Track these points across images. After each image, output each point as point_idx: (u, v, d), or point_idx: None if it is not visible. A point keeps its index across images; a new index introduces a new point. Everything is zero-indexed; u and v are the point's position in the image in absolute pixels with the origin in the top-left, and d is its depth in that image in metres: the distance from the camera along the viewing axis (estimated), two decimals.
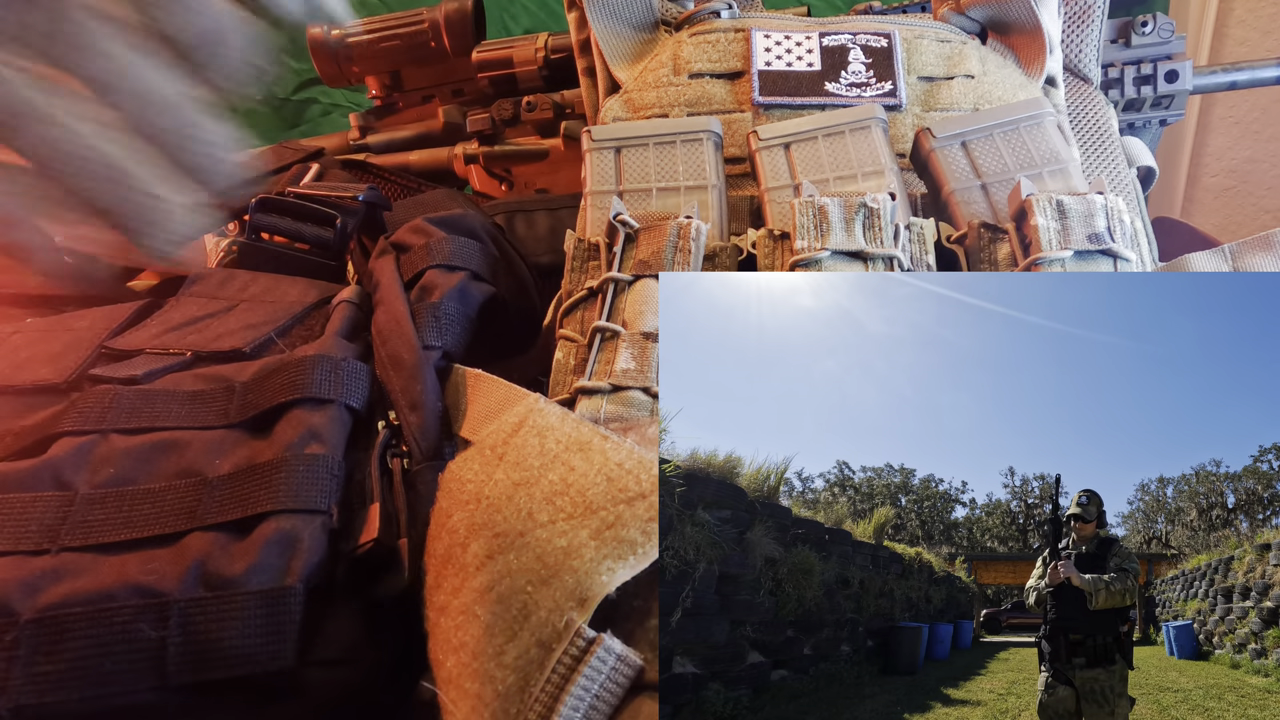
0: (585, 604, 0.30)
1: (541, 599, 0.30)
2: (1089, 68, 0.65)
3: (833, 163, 0.49)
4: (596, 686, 0.29)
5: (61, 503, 0.35)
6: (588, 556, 0.31)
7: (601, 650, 0.29)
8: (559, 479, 0.34)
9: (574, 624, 0.29)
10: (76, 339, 0.43)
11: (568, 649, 0.29)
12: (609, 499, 0.32)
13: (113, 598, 0.32)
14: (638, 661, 0.30)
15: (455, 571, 0.33)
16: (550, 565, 0.31)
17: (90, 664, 0.31)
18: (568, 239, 0.49)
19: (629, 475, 0.33)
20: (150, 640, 0.31)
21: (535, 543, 0.32)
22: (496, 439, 0.37)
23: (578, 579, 0.30)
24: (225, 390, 0.40)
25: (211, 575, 0.33)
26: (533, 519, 0.33)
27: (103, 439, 0.37)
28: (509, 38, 0.75)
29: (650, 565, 0.31)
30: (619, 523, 0.31)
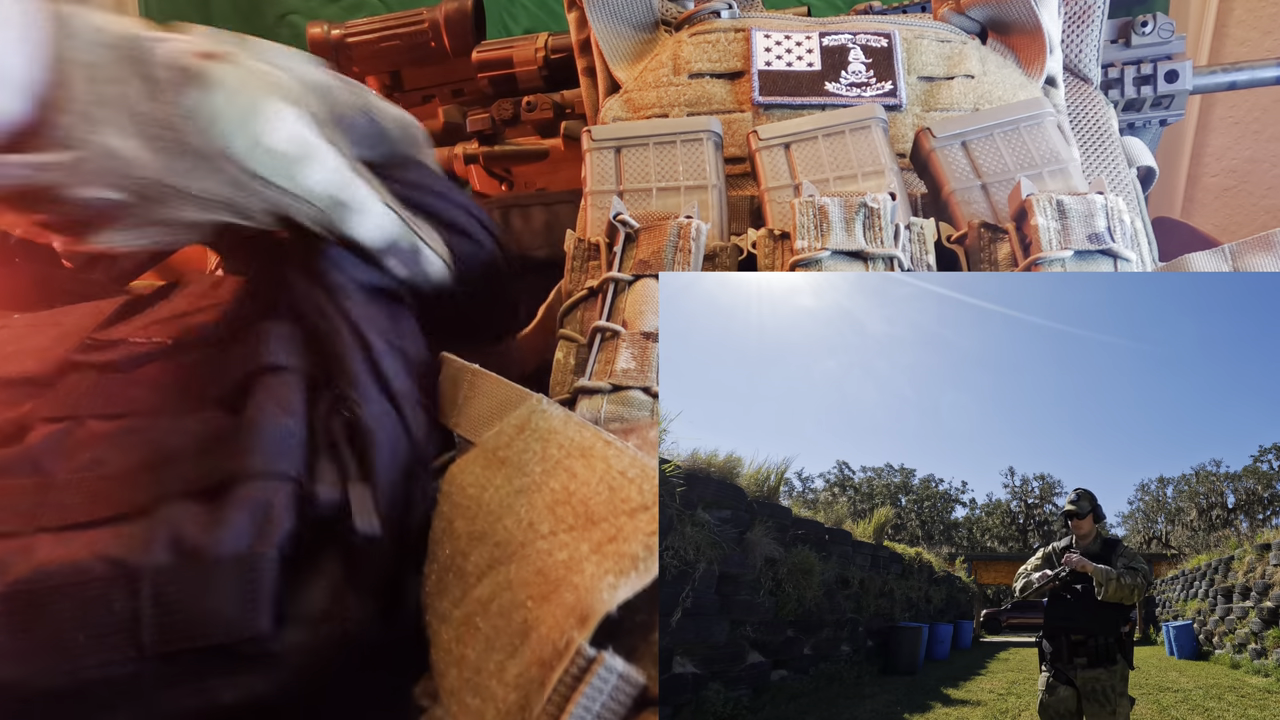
0: (586, 622, 0.29)
1: (542, 615, 0.30)
2: (1089, 68, 0.65)
3: (833, 163, 0.49)
4: (598, 706, 0.29)
5: (38, 489, 0.34)
6: (589, 572, 0.30)
7: (603, 670, 0.29)
8: (560, 487, 0.33)
9: (574, 643, 0.29)
10: (63, 333, 0.43)
11: (568, 668, 0.29)
12: (611, 510, 0.32)
13: (83, 570, 0.31)
14: (640, 680, 0.29)
15: (456, 580, 0.33)
16: (551, 580, 0.31)
17: (65, 637, 0.30)
18: (568, 238, 0.49)
19: (632, 485, 0.33)
20: (124, 610, 0.31)
21: (536, 555, 0.32)
22: (498, 442, 0.37)
23: (578, 595, 0.30)
24: (199, 369, 0.40)
25: (183, 544, 0.32)
26: (534, 529, 0.33)
27: (78, 425, 0.37)
28: (509, 38, 0.75)
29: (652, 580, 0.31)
30: (620, 536, 0.31)
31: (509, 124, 0.75)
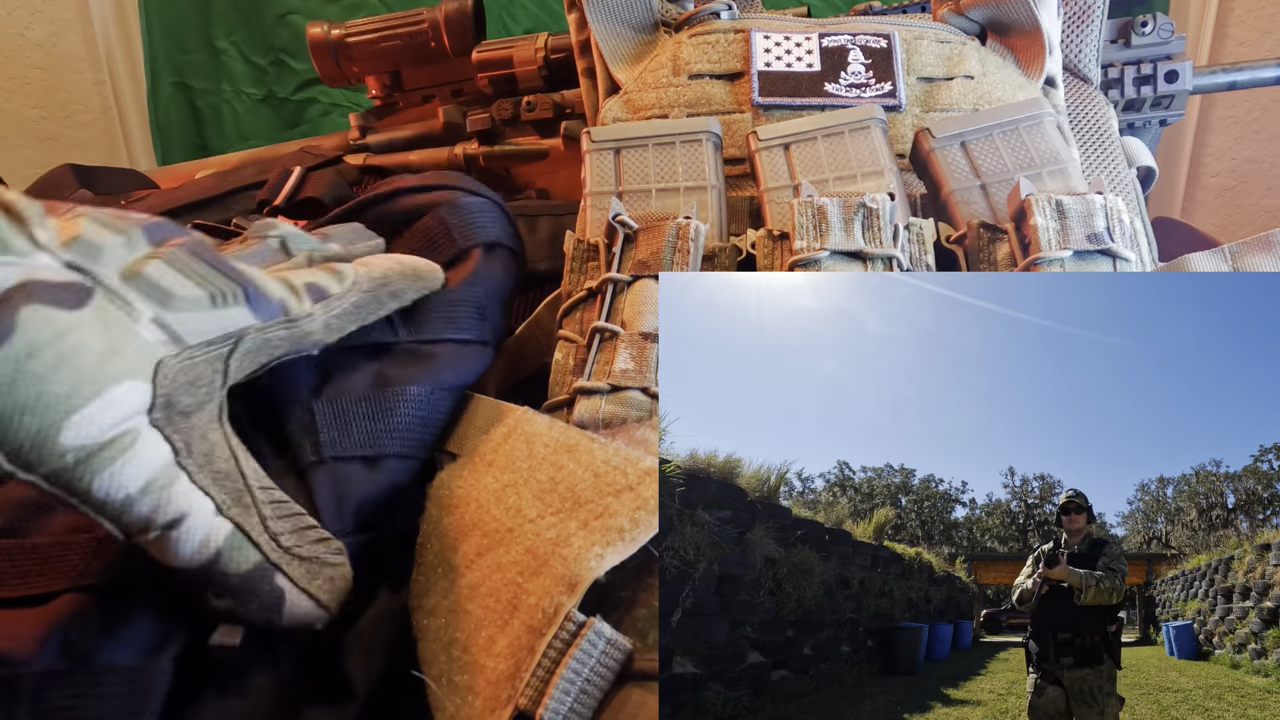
0: (575, 588, 0.30)
1: (532, 588, 0.30)
2: (1089, 68, 0.65)
3: (832, 163, 0.49)
4: (587, 670, 0.29)
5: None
6: (576, 545, 0.31)
7: (592, 634, 0.29)
8: (547, 478, 0.34)
9: (564, 608, 0.29)
10: None
11: (558, 633, 0.29)
12: (597, 493, 0.32)
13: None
14: (626, 645, 0.30)
15: (445, 573, 0.33)
16: (540, 556, 0.31)
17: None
18: (567, 239, 0.49)
19: (616, 470, 0.33)
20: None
21: (524, 536, 0.32)
22: (486, 448, 0.37)
23: (567, 566, 0.30)
24: None
25: (74, 645, 0.30)
26: (522, 515, 0.33)
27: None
28: (509, 38, 0.75)
29: (639, 552, 0.31)
30: (607, 513, 0.32)
31: (509, 124, 0.75)
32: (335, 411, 0.37)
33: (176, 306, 0.31)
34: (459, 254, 0.46)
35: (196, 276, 0.32)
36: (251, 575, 0.31)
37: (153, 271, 0.31)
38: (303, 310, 0.35)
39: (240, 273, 0.33)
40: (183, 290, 0.31)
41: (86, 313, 0.28)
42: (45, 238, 0.28)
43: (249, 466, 0.32)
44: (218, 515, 0.30)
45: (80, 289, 0.28)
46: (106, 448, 0.28)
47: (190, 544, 0.30)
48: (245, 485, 0.32)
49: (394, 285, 0.40)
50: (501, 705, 0.29)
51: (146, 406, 0.29)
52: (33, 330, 0.26)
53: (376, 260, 0.41)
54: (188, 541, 0.30)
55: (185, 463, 0.30)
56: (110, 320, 0.29)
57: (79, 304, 0.28)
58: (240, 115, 1.26)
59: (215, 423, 0.32)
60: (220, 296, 0.32)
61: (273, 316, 0.34)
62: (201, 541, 0.30)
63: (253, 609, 0.31)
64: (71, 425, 0.27)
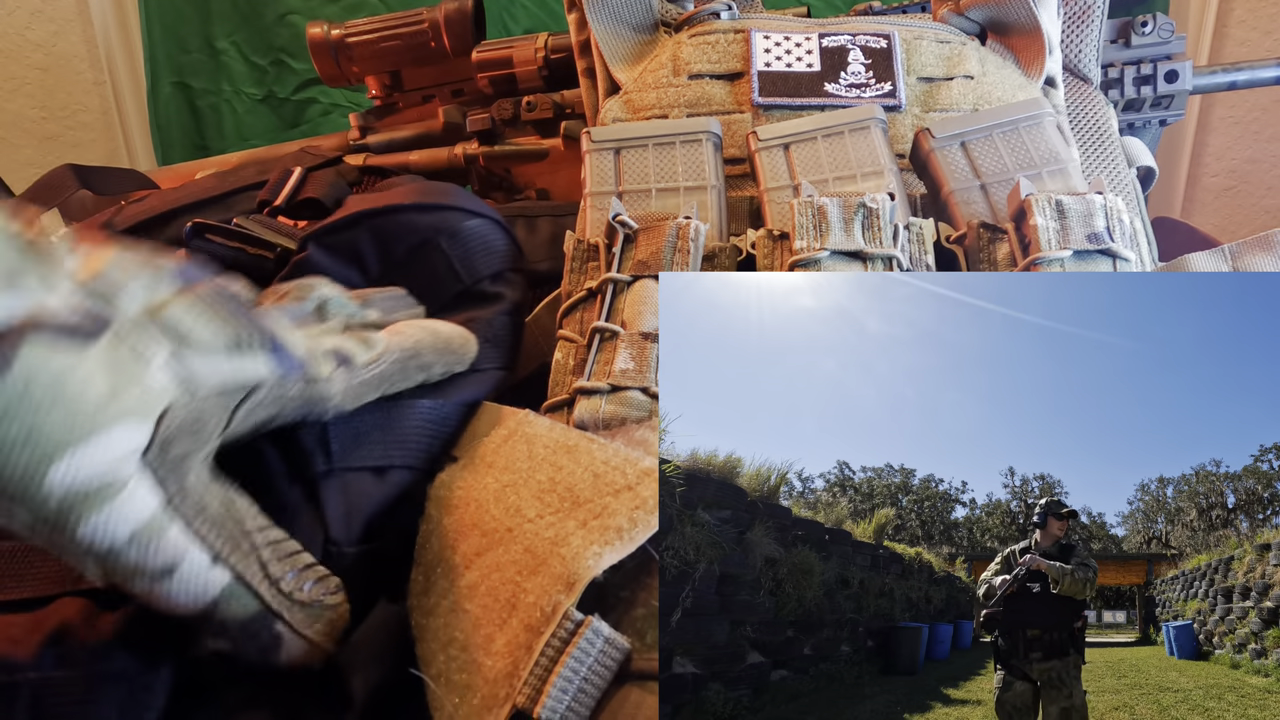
0: (573, 587, 0.30)
1: (530, 587, 0.31)
2: (1089, 68, 0.65)
3: (832, 163, 0.49)
4: (585, 669, 0.29)
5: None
6: (575, 544, 0.31)
7: (590, 632, 0.29)
8: (547, 478, 0.34)
9: (562, 606, 0.29)
10: None
11: (556, 631, 0.29)
12: (596, 492, 0.33)
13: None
14: (625, 644, 0.30)
15: (444, 573, 0.34)
16: (539, 555, 0.31)
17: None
18: (567, 239, 0.49)
19: (615, 471, 0.33)
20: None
21: (523, 536, 0.32)
22: (486, 450, 0.37)
23: (565, 565, 0.30)
24: None
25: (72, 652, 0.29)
26: (521, 514, 0.33)
27: None
28: (509, 38, 0.75)
29: (638, 552, 0.31)
30: (606, 512, 0.32)
31: (509, 124, 0.75)
32: (348, 421, 0.37)
33: (195, 348, 0.30)
34: (464, 292, 0.46)
35: (220, 321, 0.31)
36: (251, 623, 0.30)
37: (175, 311, 0.30)
38: (323, 373, 0.35)
39: (266, 324, 0.33)
40: (204, 333, 0.31)
41: (94, 350, 0.27)
42: (64, 270, 0.28)
43: (244, 507, 0.31)
44: (214, 565, 0.29)
45: (90, 326, 0.27)
46: (96, 492, 0.27)
47: (185, 595, 0.29)
48: (243, 529, 0.31)
49: (424, 358, 0.40)
50: (499, 704, 0.29)
51: (143, 448, 0.28)
52: (32, 365, 0.26)
53: (410, 328, 0.40)
54: (182, 592, 0.29)
55: (179, 507, 0.29)
56: (119, 359, 0.28)
57: (87, 341, 0.27)
58: (240, 115, 1.26)
59: (207, 466, 0.31)
60: (242, 344, 0.32)
61: (293, 372, 0.33)
62: (198, 593, 0.29)
63: (250, 651, 0.31)
64: (62, 465, 0.26)
